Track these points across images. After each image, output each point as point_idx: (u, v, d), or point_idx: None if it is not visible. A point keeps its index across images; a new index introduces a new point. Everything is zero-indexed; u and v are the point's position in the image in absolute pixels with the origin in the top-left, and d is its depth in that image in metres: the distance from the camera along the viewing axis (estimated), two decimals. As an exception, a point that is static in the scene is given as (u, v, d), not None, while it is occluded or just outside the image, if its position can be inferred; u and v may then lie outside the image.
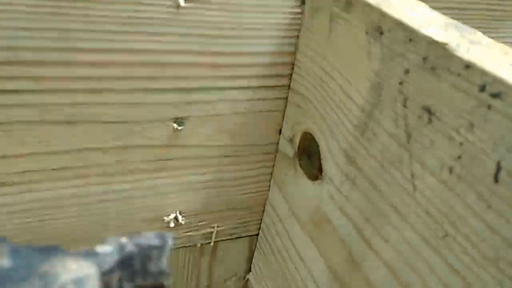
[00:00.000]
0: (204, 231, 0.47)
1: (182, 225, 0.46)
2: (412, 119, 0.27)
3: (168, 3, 0.35)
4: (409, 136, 0.28)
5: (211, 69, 0.39)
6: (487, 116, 0.23)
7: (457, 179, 0.25)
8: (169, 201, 0.44)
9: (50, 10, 0.32)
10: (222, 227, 0.48)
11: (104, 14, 0.33)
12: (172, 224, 0.45)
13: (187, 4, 0.35)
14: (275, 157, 0.46)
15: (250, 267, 0.53)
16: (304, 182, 0.40)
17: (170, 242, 0.18)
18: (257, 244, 0.51)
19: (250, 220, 0.49)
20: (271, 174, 0.46)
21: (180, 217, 0.45)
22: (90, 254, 0.16)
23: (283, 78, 0.41)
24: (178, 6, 0.35)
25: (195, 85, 0.39)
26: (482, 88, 0.23)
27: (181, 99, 0.39)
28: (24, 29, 0.32)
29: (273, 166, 0.46)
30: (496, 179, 0.22)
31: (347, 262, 0.34)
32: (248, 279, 0.53)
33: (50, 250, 0.16)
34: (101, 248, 0.16)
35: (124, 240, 0.17)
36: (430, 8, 0.31)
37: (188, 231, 0.47)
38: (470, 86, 0.24)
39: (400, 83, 0.28)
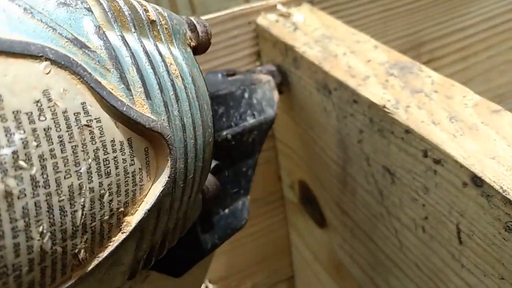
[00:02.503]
0: (238, 288, 0.52)
1: (215, 290, 0.51)
2: (378, 177, 0.30)
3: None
4: (381, 193, 0.30)
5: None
6: (435, 180, 0.25)
7: (430, 238, 0.27)
8: (194, 272, 0.49)
9: None
10: (256, 280, 0.52)
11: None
12: (205, 292, 0.50)
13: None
14: (284, 202, 0.49)
15: (298, 304, 0.57)
16: (315, 228, 0.43)
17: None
18: (295, 285, 0.55)
19: (281, 266, 0.53)
20: (286, 218, 0.50)
21: (210, 285, 0.50)
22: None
23: (264, 130, 0.44)
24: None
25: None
26: (425, 154, 0.25)
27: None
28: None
29: (285, 211, 0.49)
30: (460, 241, 0.25)
31: (372, 306, 0.38)
32: (299, 317, 0.58)
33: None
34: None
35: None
36: (373, 45, 0.33)
37: (223, 293, 0.52)
38: (415, 151, 0.26)
39: (359, 142, 0.31)
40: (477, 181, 0.22)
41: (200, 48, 0.22)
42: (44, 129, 0.14)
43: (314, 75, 0.33)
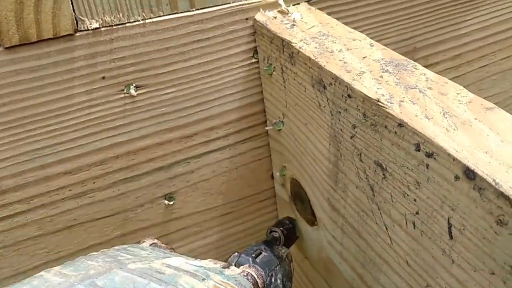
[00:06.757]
0: None
1: None
2: (370, 173, 0.29)
3: (120, 96, 0.38)
4: (372, 189, 0.30)
5: (183, 141, 0.42)
6: (427, 174, 0.24)
7: (421, 233, 0.26)
8: (183, 268, 0.48)
9: (19, 136, 0.37)
10: (244, 278, 0.51)
11: (64, 125, 0.37)
12: (193, 288, 0.49)
13: (140, 91, 0.39)
14: (275, 200, 0.48)
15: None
16: (305, 226, 0.42)
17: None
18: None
19: (269, 264, 0.52)
20: (277, 217, 0.49)
21: (198, 281, 0.49)
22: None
23: (258, 127, 0.44)
24: (131, 96, 0.39)
25: (171, 160, 0.42)
26: (417, 147, 0.25)
27: (163, 177, 0.43)
28: (1, 160, 0.37)
29: (277, 209, 0.49)
30: (450, 236, 0.24)
31: (360, 305, 0.37)
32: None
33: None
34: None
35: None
36: (369, 43, 0.33)
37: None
38: (408, 145, 0.25)
39: (352, 137, 0.30)
40: (469, 174, 0.22)
41: None
42: None
43: (309, 71, 0.33)
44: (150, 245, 0.31)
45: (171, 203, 0.44)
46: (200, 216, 0.46)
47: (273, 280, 0.33)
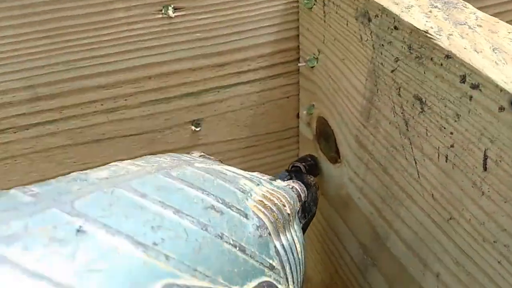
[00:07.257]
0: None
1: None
2: (407, 108, 0.30)
3: (158, 16, 0.38)
4: (406, 124, 0.30)
5: (215, 70, 0.42)
6: (469, 106, 0.25)
7: (453, 167, 0.27)
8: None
9: (57, 46, 0.37)
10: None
11: (102, 39, 0.38)
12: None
13: (177, 13, 0.38)
14: (298, 139, 0.49)
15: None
16: (326, 164, 0.43)
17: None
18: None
19: (284, 202, 0.53)
20: (298, 155, 0.50)
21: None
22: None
23: (290, 64, 0.44)
24: (169, 17, 0.38)
25: (202, 87, 0.43)
26: (463, 79, 0.25)
27: (192, 103, 0.43)
28: (38, 67, 0.37)
29: (298, 148, 0.49)
30: (485, 168, 0.25)
31: (373, 238, 0.38)
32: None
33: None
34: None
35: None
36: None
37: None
38: (453, 77, 0.25)
39: (392, 71, 0.30)
40: (516, 105, 0.22)
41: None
42: None
43: (354, 3, 0.32)
44: (199, 156, 0.32)
45: (197, 129, 0.45)
46: (224, 145, 0.46)
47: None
